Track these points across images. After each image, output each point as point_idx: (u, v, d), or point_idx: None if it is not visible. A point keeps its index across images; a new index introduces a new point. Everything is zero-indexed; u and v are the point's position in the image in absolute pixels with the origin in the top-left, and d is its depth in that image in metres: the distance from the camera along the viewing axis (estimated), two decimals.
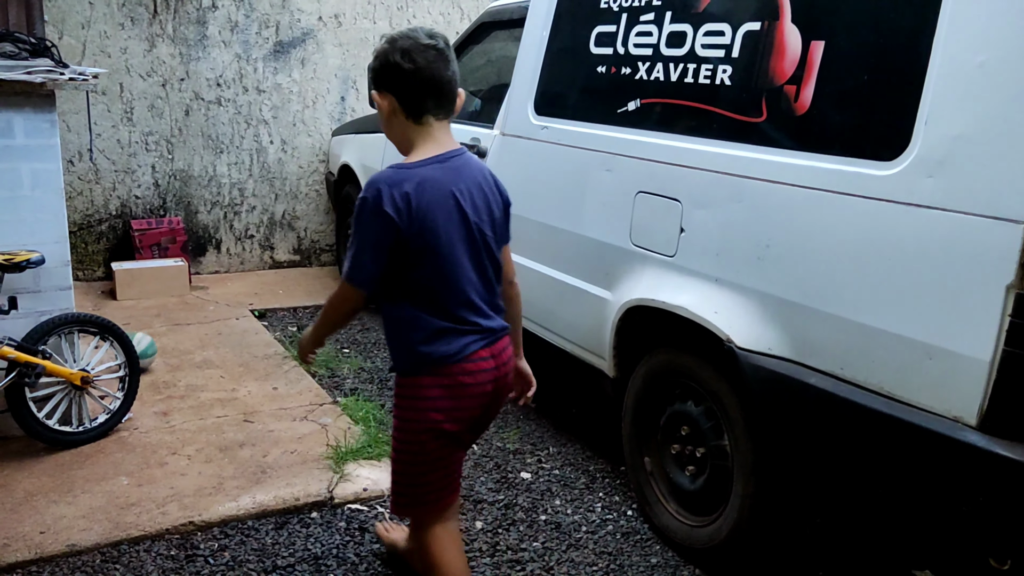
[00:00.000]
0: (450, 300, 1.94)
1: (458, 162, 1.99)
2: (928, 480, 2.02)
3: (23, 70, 2.94)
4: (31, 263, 2.95)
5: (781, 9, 2.30)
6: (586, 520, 2.90)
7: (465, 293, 1.96)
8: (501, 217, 2.07)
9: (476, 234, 1.97)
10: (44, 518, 2.68)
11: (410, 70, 1.90)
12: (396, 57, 1.91)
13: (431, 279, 1.93)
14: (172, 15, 5.35)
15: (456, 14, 6.23)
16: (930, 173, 1.92)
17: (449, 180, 1.94)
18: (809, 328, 2.20)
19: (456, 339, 1.95)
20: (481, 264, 1.99)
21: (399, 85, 1.93)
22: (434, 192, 1.90)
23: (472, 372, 1.97)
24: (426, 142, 1.97)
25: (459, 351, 1.95)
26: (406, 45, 1.91)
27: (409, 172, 1.91)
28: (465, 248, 1.95)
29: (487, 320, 2.00)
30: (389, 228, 1.86)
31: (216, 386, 3.81)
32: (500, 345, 2.04)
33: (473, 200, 1.97)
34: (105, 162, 5.33)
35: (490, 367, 2.00)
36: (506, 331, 2.08)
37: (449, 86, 1.96)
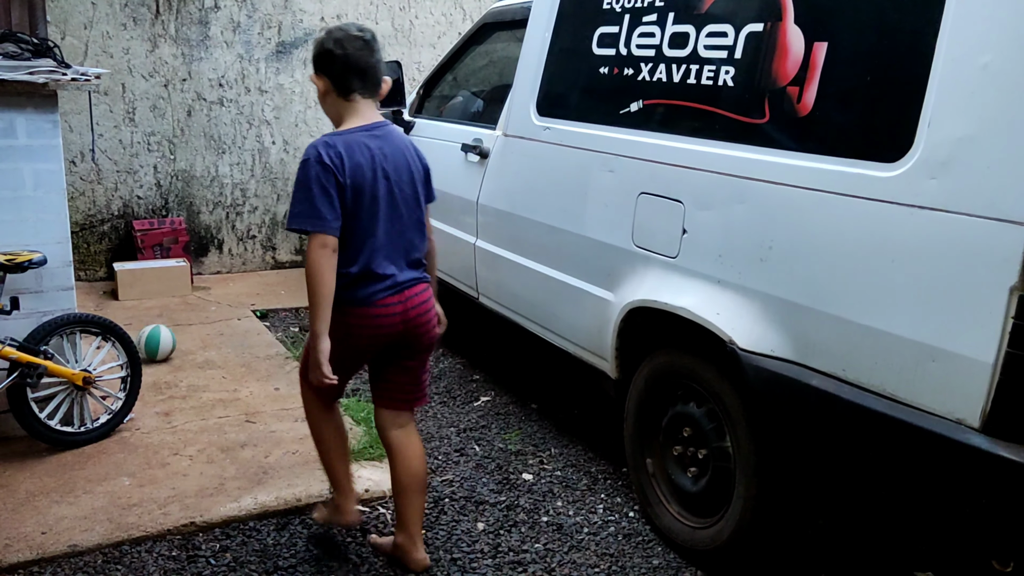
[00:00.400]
0: (368, 252, 2.27)
1: (381, 131, 2.34)
2: (931, 482, 2.01)
3: (25, 70, 2.95)
4: (33, 263, 2.95)
5: (784, 10, 2.29)
6: (588, 521, 2.90)
7: (383, 247, 2.29)
8: (422, 180, 2.42)
9: (397, 192, 2.31)
10: (46, 518, 2.68)
11: (340, 56, 2.28)
12: (330, 45, 2.29)
13: (355, 232, 2.25)
14: (174, 15, 5.35)
15: (458, 15, 6.24)
16: (933, 175, 1.91)
17: (374, 146, 2.29)
18: (811, 329, 2.19)
19: (368, 287, 2.29)
20: (400, 220, 2.33)
21: (331, 68, 2.31)
22: (360, 154, 2.25)
23: (377, 315, 2.32)
24: (353, 116, 2.33)
25: (368, 297, 2.29)
26: (339, 36, 2.29)
27: (339, 137, 2.26)
28: (386, 205, 2.29)
29: (401, 272, 2.34)
30: (332, 178, 2.19)
31: (218, 386, 3.81)
32: (410, 292, 2.37)
33: (395, 163, 2.32)
34: (107, 162, 5.34)
35: (398, 311, 2.34)
36: (419, 280, 2.40)
37: (373, 71, 2.32)
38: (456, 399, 3.89)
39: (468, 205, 3.74)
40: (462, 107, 4.41)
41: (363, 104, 2.33)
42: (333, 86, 2.32)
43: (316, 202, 2.18)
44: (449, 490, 3.05)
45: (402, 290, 2.34)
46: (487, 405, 3.83)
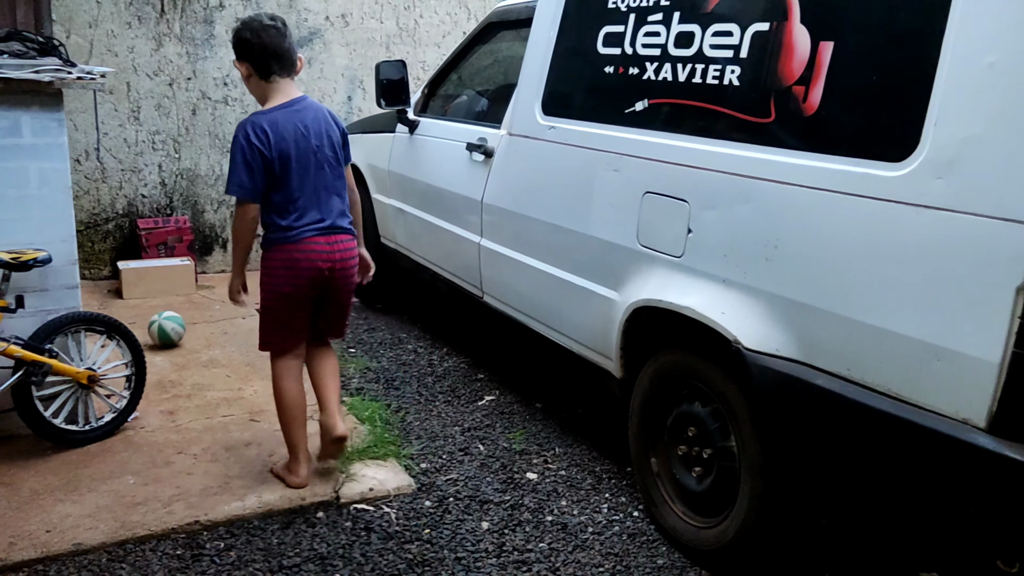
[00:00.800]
0: (301, 206, 2.75)
1: (300, 105, 2.77)
2: (936, 482, 2.01)
3: (31, 69, 2.95)
4: (38, 262, 2.95)
5: (790, 9, 2.29)
6: (592, 521, 2.90)
7: (312, 200, 2.77)
8: (339, 144, 2.86)
9: (319, 155, 2.77)
10: (50, 517, 2.69)
11: (257, 43, 2.69)
12: (247, 34, 2.70)
13: (288, 191, 2.72)
14: (179, 14, 5.35)
15: (463, 14, 6.23)
16: (939, 174, 1.91)
17: (296, 119, 2.73)
18: (817, 329, 2.19)
19: (302, 232, 2.75)
20: (325, 178, 2.79)
21: (251, 54, 2.71)
22: (284, 128, 2.69)
23: (305, 252, 2.76)
24: (275, 95, 2.75)
25: (295, 236, 2.75)
26: (254, 25, 2.71)
27: (265, 115, 2.70)
28: (313, 167, 2.76)
29: (328, 220, 2.80)
30: (257, 153, 2.64)
31: (222, 385, 3.81)
32: (337, 238, 2.82)
33: (316, 131, 2.76)
34: (112, 161, 5.35)
35: (323, 250, 2.78)
36: (345, 230, 2.86)
37: (288, 53, 2.75)
38: (460, 398, 3.89)
39: (473, 204, 3.74)
40: (467, 106, 4.41)
41: (283, 83, 2.76)
42: (254, 69, 2.73)
43: (242, 174, 2.66)
44: (453, 489, 3.05)
45: (330, 234, 2.81)
46: (491, 404, 3.83)
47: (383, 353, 4.44)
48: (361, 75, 5.97)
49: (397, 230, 4.66)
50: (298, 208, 2.75)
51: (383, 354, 4.43)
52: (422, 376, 4.14)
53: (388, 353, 4.44)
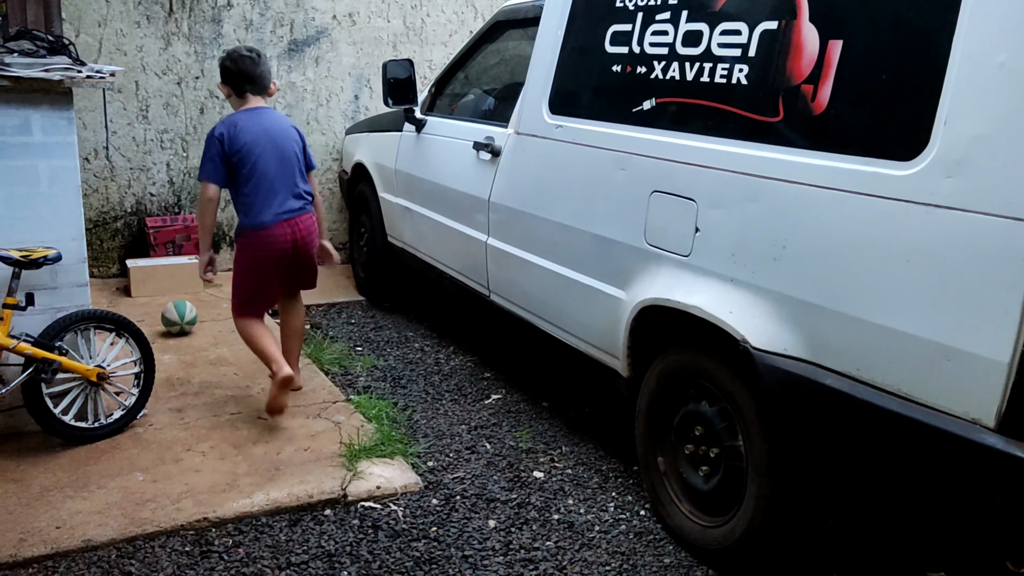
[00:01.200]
0: (263, 195, 3.30)
1: (263, 112, 3.38)
2: (945, 482, 2.01)
3: (41, 67, 2.96)
4: (48, 260, 2.97)
5: (799, 8, 2.29)
6: (599, 520, 2.90)
7: (273, 191, 3.32)
8: (300, 147, 3.45)
9: (280, 151, 3.34)
10: (60, 513, 2.70)
11: (235, 69, 3.35)
12: (227, 63, 3.37)
13: (251, 182, 3.30)
14: (187, 13, 5.37)
15: (470, 13, 6.24)
16: (949, 173, 1.90)
17: (257, 122, 3.33)
18: (825, 329, 2.19)
19: (265, 217, 3.30)
20: (285, 169, 3.35)
21: (230, 78, 3.37)
22: (246, 128, 3.29)
23: (271, 236, 3.32)
24: (245, 106, 3.39)
25: (266, 223, 3.31)
26: (233, 56, 3.36)
27: (231, 118, 3.33)
28: (274, 160, 3.32)
29: (288, 206, 3.34)
30: (217, 148, 3.27)
31: (230, 383, 3.83)
32: (296, 220, 3.37)
33: (276, 132, 3.35)
34: (121, 160, 5.36)
35: (287, 234, 3.35)
36: (304, 211, 3.40)
37: (260, 79, 3.38)
38: (467, 397, 3.90)
39: (480, 203, 3.75)
40: (474, 105, 4.42)
41: (253, 99, 3.40)
42: (233, 90, 3.39)
43: (208, 163, 3.29)
44: (460, 487, 3.06)
45: (291, 218, 3.36)
46: (498, 403, 3.84)
47: (390, 351, 4.45)
48: (368, 74, 5.98)
49: (404, 229, 4.67)
50: (263, 195, 3.31)
51: (390, 352, 4.43)
52: (429, 375, 4.15)
53: (395, 351, 4.45)
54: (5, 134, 2.97)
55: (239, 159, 3.27)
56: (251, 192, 3.30)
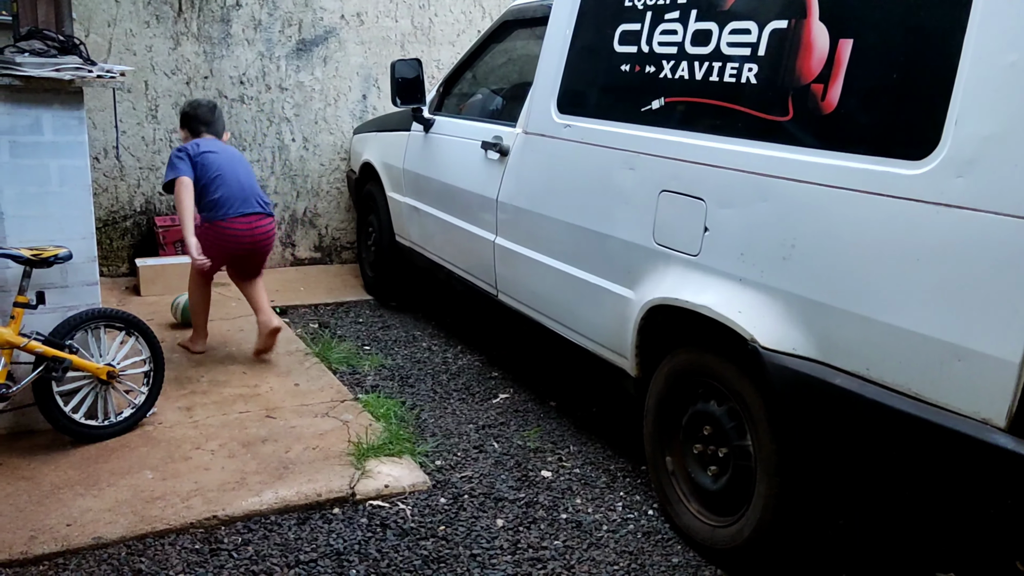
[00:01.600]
0: (226, 199, 3.88)
1: (220, 142, 4.07)
2: (955, 482, 2.00)
3: (52, 67, 2.98)
4: (59, 258, 2.98)
5: (808, 7, 2.28)
6: (607, 519, 2.90)
7: (235, 196, 3.90)
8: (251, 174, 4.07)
9: (240, 166, 4.00)
10: (70, 511, 2.71)
11: (192, 114, 4.08)
12: (187, 109, 4.12)
13: (217, 189, 3.87)
14: (197, 13, 5.39)
15: (478, 12, 6.24)
16: (960, 173, 1.90)
17: (216, 143, 4.02)
18: (835, 328, 2.18)
19: (227, 215, 3.88)
20: (243, 183, 3.94)
21: (187, 122, 4.10)
22: (208, 145, 3.95)
23: (234, 230, 3.90)
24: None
25: (228, 221, 3.88)
26: (193, 104, 4.14)
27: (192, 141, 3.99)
28: (231, 175, 3.91)
29: (248, 208, 3.93)
30: (184, 154, 3.88)
31: (239, 382, 3.84)
32: (256, 220, 3.96)
33: (230, 155, 4.01)
34: (130, 159, 5.39)
35: (247, 230, 3.93)
36: (265, 215, 3.99)
37: (214, 125, 4.11)
38: (475, 396, 3.90)
39: (488, 203, 3.75)
40: (482, 105, 4.42)
41: (208, 137, 4.05)
42: (190, 132, 4.07)
43: (178, 164, 3.84)
44: (468, 487, 3.06)
45: (248, 217, 3.93)
46: (506, 402, 3.84)
47: (398, 351, 4.46)
48: (376, 73, 5.99)
49: (412, 228, 4.67)
50: (226, 200, 3.87)
51: (398, 352, 4.44)
52: (437, 374, 4.15)
53: (403, 351, 4.46)
54: (16, 133, 2.98)
55: (203, 166, 3.87)
56: (216, 193, 3.87)
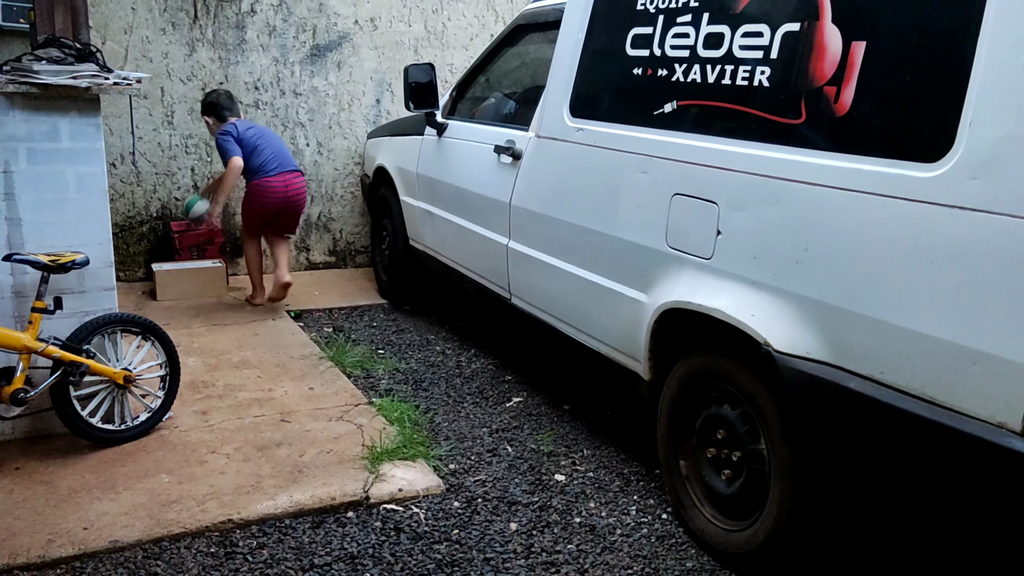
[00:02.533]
0: (266, 160, 4.79)
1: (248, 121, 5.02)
2: (971, 486, 1.99)
3: (69, 75, 3.01)
4: (76, 264, 3.01)
5: (821, 9, 2.27)
6: (621, 523, 2.90)
7: (272, 158, 4.81)
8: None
9: (273, 136, 4.94)
10: (87, 514, 2.74)
11: (216, 102, 4.91)
12: (210, 98, 4.93)
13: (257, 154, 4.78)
14: (212, 20, 5.43)
15: (491, 16, 6.25)
16: (974, 175, 1.89)
17: (247, 121, 4.95)
18: (849, 332, 2.17)
19: (265, 174, 4.78)
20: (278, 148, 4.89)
21: (212, 110, 4.92)
22: (243, 123, 4.87)
23: (266, 186, 4.79)
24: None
25: (266, 178, 4.78)
26: (212, 94, 4.95)
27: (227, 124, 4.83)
28: (269, 143, 4.85)
29: (284, 167, 4.84)
30: (230, 136, 4.74)
31: (254, 386, 3.86)
32: (288, 178, 4.85)
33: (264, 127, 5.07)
34: (146, 165, 5.43)
35: (280, 185, 4.82)
36: (295, 172, 4.92)
37: (234, 108, 4.94)
38: (488, 399, 3.90)
39: (501, 206, 3.76)
40: (495, 109, 4.43)
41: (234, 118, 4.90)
42: (216, 118, 4.89)
43: (229, 147, 4.71)
44: (482, 490, 3.07)
45: (284, 175, 4.83)
46: (519, 406, 3.84)
47: (412, 354, 4.47)
48: (389, 78, 6.01)
49: (425, 232, 4.69)
50: (263, 161, 4.76)
51: (412, 355, 4.45)
52: (450, 377, 4.16)
53: (417, 354, 4.47)
54: (34, 140, 3.02)
55: (246, 140, 4.74)
56: (260, 157, 4.76)
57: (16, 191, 3.02)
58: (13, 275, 3.05)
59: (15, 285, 3.07)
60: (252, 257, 5.07)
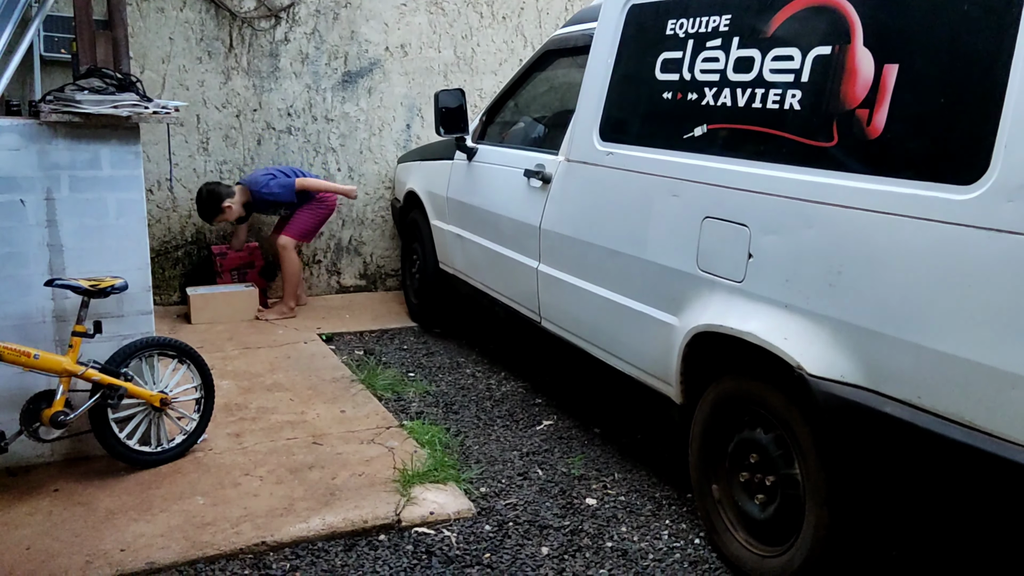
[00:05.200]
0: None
1: None
2: (1011, 512, 1.95)
3: (110, 104, 3.08)
4: (115, 289, 3.07)
5: (853, 33, 2.28)
6: (653, 548, 2.88)
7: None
8: None
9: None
10: (124, 536, 2.77)
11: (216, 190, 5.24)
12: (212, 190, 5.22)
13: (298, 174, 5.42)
14: (247, 49, 5.54)
15: (519, 42, 6.32)
16: (1010, 197, 1.87)
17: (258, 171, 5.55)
18: (884, 355, 2.15)
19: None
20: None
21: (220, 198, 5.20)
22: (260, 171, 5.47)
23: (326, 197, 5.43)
24: None
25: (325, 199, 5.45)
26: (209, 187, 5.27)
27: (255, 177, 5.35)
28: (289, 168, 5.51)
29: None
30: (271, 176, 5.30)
31: (286, 408, 3.89)
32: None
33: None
34: (182, 190, 5.53)
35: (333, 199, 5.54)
36: None
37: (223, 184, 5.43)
38: (518, 423, 3.90)
39: (531, 230, 3.78)
40: (524, 133, 4.46)
41: None
42: (228, 197, 5.21)
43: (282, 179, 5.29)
44: (513, 514, 3.06)
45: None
46: (549, 429, 3.84)
47: (442, 377, 4.48)
48: (419, 103, 6.08)
49: (455, 256, 4.72)
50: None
51: (442, 378, 4.47)
52: (481, 400, 4.17)
53: (447, 377, 4.48)
54: (76, 168, 3.10)
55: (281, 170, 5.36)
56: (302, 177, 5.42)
57: (58, 218, 3.09)
58: (54, 300, 3.12)
59: (56, 310, 3.13)
60: (299, 268, 5.46)
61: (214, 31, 5.44)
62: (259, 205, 5.35)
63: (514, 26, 6.29)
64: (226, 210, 5.16)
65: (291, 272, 5.39)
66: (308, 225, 5.40)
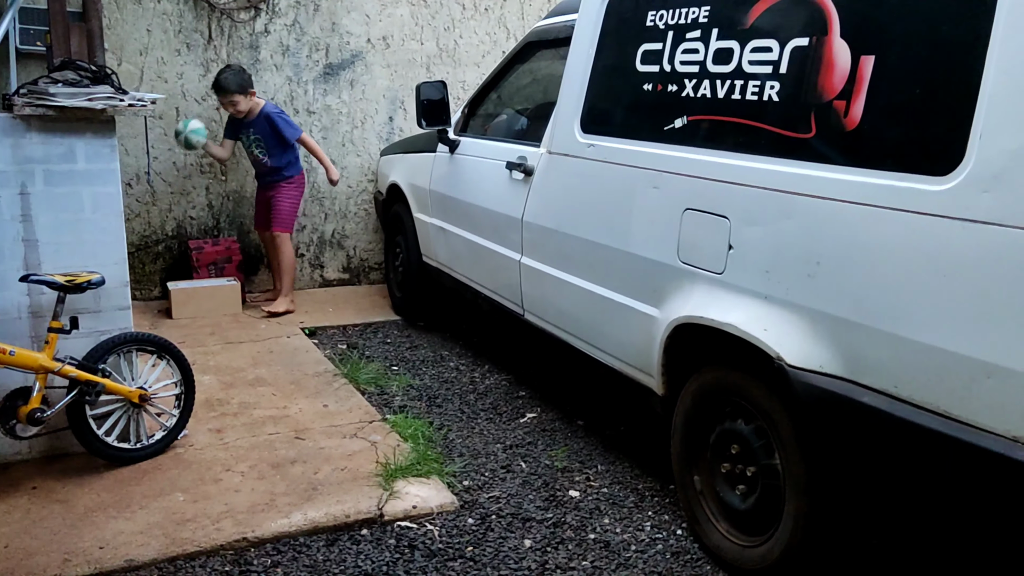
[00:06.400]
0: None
1: None
2: (987, 501, 1.97)
3: (85, 97, 3.05)
4: (92, 284, 3.04)
5: (830, 24, 2.28)
6: (635, 539, 2.88)
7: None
8: None
9: None
10: (103, 533, 2.75)
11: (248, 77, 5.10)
12: (245, 75, 5.08)
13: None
14: (226, 41, 5.49)
15: (502, 34, 6.29)
16: (986, 188, 1.88)
17: None
18: (862, 346, 2.16)
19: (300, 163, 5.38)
20: None
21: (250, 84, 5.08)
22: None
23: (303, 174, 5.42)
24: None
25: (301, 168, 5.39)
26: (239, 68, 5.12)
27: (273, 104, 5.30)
28: None
29: None
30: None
31: (268, 403, 3.87)
32: None
33: None
34: (162, 184, 5.49)
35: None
36: None
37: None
38: (502, 415, 3.90)
39: (513, 222, 3.77)
40: (507, 125, 4.45)
41: None
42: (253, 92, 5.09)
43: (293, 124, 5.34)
44: (496, 507, 3.06)
45: None
46: (533, 422, 3.84)
47: (425, 371, 4.47)
48: (402, 96, 6.05)
49: (438, 249, 4.70)
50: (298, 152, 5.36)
51: (425, 372, 4.46)
52: (464, 393, 4.16)
53: (430, 371, 4.48)
54: (50, 162, 3.06)
55: None
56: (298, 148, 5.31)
57: (33, 212, 3.06)
58: (30, 296, 3.09)
59: (32, 305, 3.10)
60: (294, 259, 5.43)
61: (192, 23, 5.38)
62: (259, 128, 5.14)
63: (497, 18, 6.26)
64: (248, 94, 5.03)
65: (290, 264, 5.37)
66: (292, 212, 5.40)
